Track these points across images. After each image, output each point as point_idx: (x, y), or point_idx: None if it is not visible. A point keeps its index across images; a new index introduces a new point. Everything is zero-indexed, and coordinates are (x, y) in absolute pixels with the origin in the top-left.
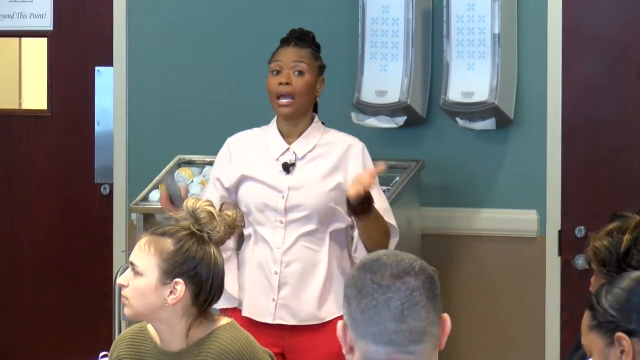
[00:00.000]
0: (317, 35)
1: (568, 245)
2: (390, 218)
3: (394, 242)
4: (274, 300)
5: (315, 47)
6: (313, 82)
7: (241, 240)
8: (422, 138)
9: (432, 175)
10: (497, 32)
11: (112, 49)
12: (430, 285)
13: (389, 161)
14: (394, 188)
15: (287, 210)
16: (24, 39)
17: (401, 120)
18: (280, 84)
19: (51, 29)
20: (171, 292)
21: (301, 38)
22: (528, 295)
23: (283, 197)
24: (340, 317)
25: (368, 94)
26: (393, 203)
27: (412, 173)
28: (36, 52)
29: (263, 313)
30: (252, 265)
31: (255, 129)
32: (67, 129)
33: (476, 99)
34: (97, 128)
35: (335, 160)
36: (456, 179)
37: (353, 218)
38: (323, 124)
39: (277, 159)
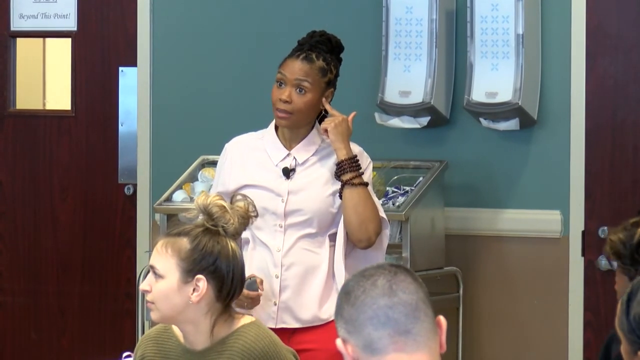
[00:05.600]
0: (340, 36)
1: (591, 246)
2: (380, 210)
3: (385, 232)
4: (275, 304)
5: (332, 55)
6: (315, 99)
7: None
8: (445, 138)
9: (456, 176)
10: (520, 32)
11: (136, 49)
12: (411, 272)
13: (412, 161)
14: (417, 188)
15: (286, 214)
16: (47, 39)
17: (424, 120)
18: (280, 99)
19: (75, 29)
20: (194, 290)
21: (315, 47)
22: (551, 295)
23: (282, 201)
24: None
25: (391, 94)
26: (416, 203)
27: (436, 173)
28: (60, 52)
29: (265, 317)
30: (252, 270)
31: (252, 133)
32: (90, 129)
33: (500, 99)
34: (121, 128)
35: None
36: (479, 179)
37: (340, 190)
38: None
39: (277, 165)
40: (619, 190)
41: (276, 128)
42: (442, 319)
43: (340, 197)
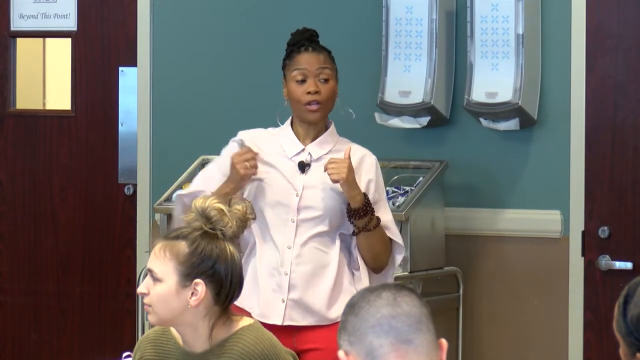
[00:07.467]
0: (340, 36)
1: (591, 246)
2: (394, 234)
3: (398, 258)
4: (283, 301)
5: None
6: (336, 86)
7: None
8: (445, 138)
9: (456, 176)
10: (520, 32)
11: (136, 49)
12: (416, 292)
13: (413, 161)
14: (417, 188)
15: (299, 209)
16: (47, 39)
17: (424, 120)
18: (309, 92)
19: (75, 29)
20: (192, 294)
21: (312, 39)
22: (551, 295)
23: (297, 195)
24: None
25: (391, 94)
26: (416, 203)
27: (436, 173)
28: (60, 52)
29: (272, 314)
30: (261, 267)
31: (268, 129)
32: (90, 129)
33: (500, 99)
34: (121, 128)
35: None
36: (479, 179)
37: (353, 228)
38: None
39: (291, 158)
40: (619, 190)
41: (291, 125)
42: (444, 341)
43: (354, 234)
